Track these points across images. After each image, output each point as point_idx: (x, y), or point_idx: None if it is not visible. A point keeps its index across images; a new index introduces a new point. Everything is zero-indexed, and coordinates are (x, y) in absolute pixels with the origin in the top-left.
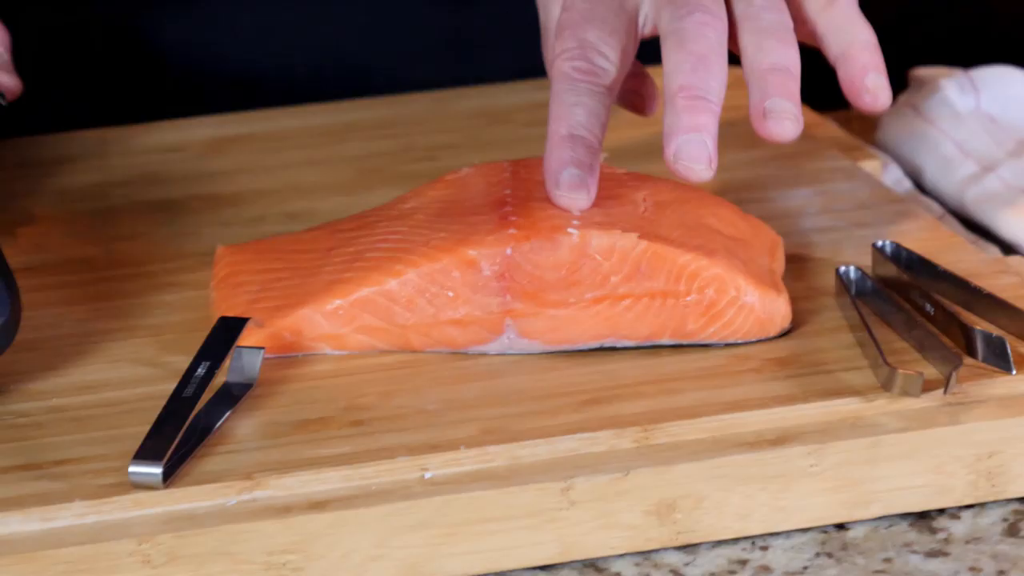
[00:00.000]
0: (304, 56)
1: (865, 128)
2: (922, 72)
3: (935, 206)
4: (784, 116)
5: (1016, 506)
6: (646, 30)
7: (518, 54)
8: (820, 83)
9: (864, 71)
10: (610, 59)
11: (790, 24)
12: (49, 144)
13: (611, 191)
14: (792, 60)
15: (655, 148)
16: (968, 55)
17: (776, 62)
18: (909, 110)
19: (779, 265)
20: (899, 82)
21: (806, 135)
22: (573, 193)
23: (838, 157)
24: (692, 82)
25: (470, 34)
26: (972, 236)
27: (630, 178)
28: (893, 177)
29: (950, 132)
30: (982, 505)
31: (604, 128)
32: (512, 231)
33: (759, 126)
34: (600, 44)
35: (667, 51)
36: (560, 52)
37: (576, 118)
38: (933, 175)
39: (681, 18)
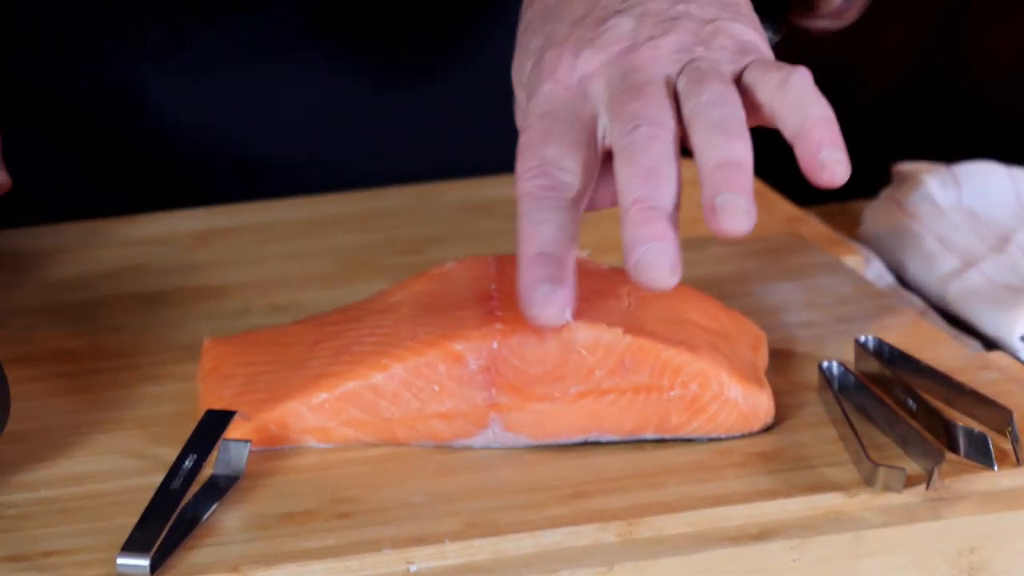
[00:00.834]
0: (291, 148)
1: (848, 223)
2: (905, 167)
3: (917, 301)
4: (734, 211)
5: None
6: (607, 142)
7: (502, 147)
8: (801, 177)
9: (819, 147)
10: (572, 172)
11: (740, 116)
12: (35, 236)
13: (595, 286)
14: (741, 153)
15: None
16: (951, 150)
17: (724, 157)
18: (892, 205)
19: (762, 360)
20: (882, 177)
21: (788, 230)
22: (547, 310)
23: (821, 252)
24: (644, 195)
25: (455, 126)
26: (954, 331)
27: (614, 273)
28: (875, 272)
29: (932, 227)
30: None
31: (574, 240)
32: (498, 325)
33: (711, 222)
34: (561, 159)
35: (618, 166)
36: (522, 172)
37: (543, 235)
38: (915, 270)
39: (628, 132)
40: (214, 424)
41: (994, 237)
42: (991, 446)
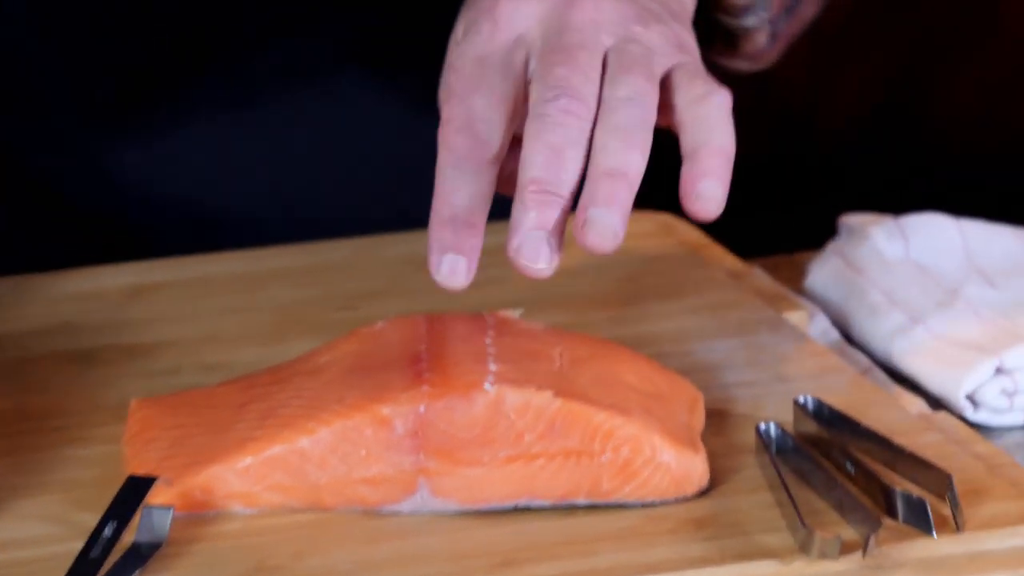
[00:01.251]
0: (244, 200)
1: (793, 275)
2: (852, 219)
3: (862, 358)
4: (603, 230)
5: None
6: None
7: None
8: (746, 230)
9: (703, 176)
10: (496, 129)
11: (648, 121)
12: None
13: (527, 347)
14: (632, 165)
15: (572, 296)
16: (904, 200)
17: (614, 166)
18: (837, 258)
19: (698, 421)
20: (830, 230)
21: (731, 284)
22: (451, 279)
23: (763, 308)
24: (543, 176)
25: (398, 177)
26: (899, 389)
27: (546, 333)
28: (819, 328)
29: (878, 281)
30: None
31: (487, 205)
32: (425, 388)
33: (577, 232)
34: (488, 112)
35: (526, 137)
36: (447, 120)
37: (459, 200)
38: (860, 325)
39: (547, 101)
40: (136, 489)
41: (941, 291)
42: (930, 512)
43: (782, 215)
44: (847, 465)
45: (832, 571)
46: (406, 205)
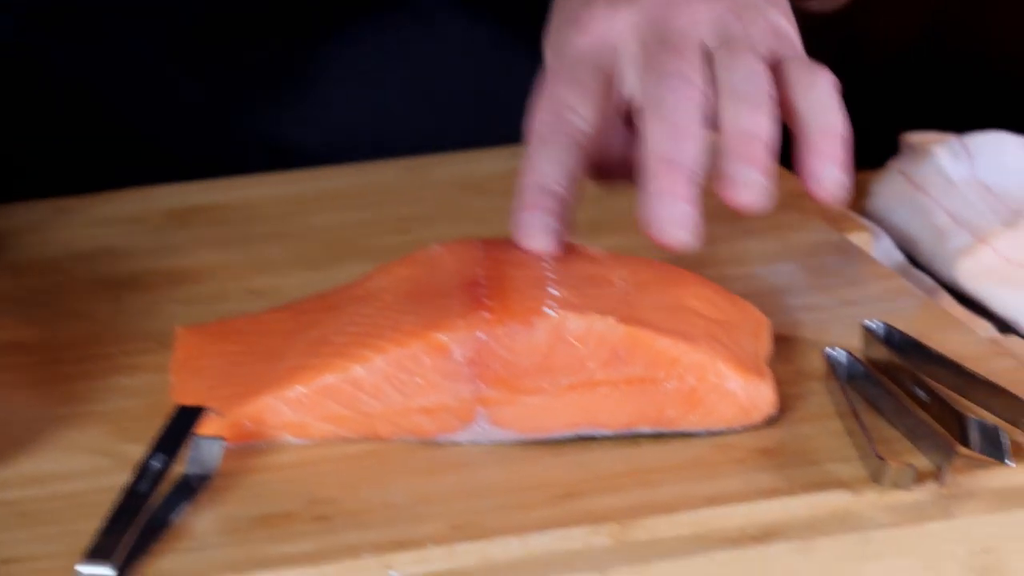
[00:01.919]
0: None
1: (854, 195)
2: (914, 137)
3: (927, 280)
4: (749, 186)
5: None
6: (633, 96)
7: (494, 119)
8: None
9: (826, 160)
10: (584, 117)
11: (770, 93)
12: (2, 214)
13: (587, 272)
14: (764, 128)
15: (630, 220)
16: (963, 119)
17: (748, 128)
18: (900, 177)
19: (765, 348)
20: (890, 147)
21: (793, 205)
22: (537, 235)
23: (826, 229)
24: (670, 151)
25: (447, 99)
26: (967, 313)
27: (608, 258)
28: (883, 249)
29: (942, 201)
30: None
31: (575, 181)
32: (485, 314)
33: (724, 192)
34: (575, 102)
35: (645, 121)
36: (535, 112)
37: (545, 170)
38: (925, 246)
39: (658, 85)
40: (185, 420)
41: (1008, 212)
42: (1005, 440)
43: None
44: (918, 392)
45: (905, 502)
46: (492, 140)
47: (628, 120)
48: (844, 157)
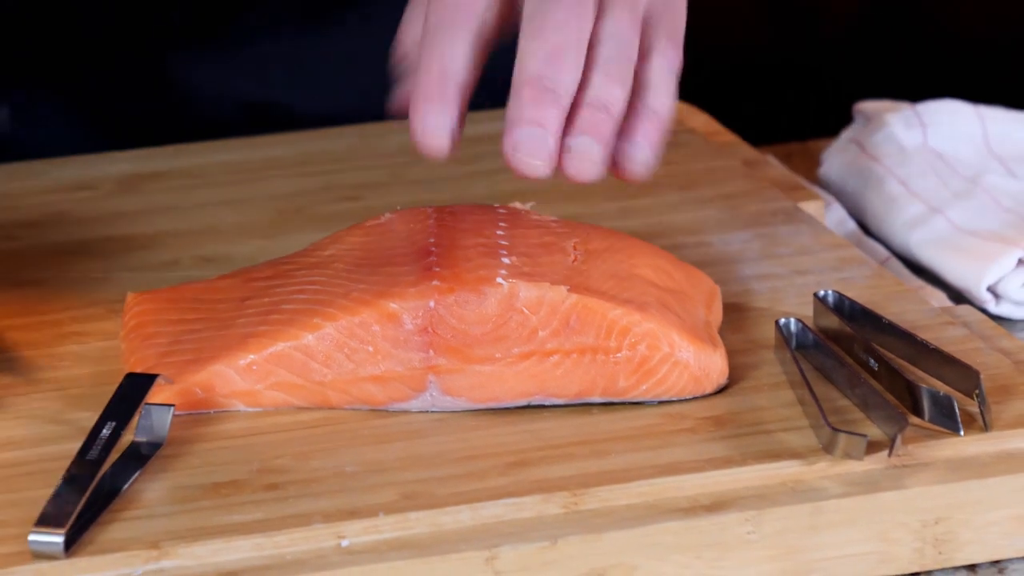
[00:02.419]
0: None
1: (807, 163)
2: (867, 106)
3: (880, 249)
4: (584, 158)
5: (964, 574)
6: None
7: None
8: (759, 116)
9: (643, 142)
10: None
11: (630, 58)
12: None
13: (540, 240)
14: (614, 99)
15: (582, 187)
16: (916, 87)
17: (594, 98)
18: (853, 146)
19: (716, 316)
20: (843, 116)
21: (745, 174)
22: (435, 135)
23: (779, 198)
24: (543, 72)
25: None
26: (919, 282)
27: (560, 225)
28: (836, 218)
29: (895, 170)
30: (928, 573)
31: (473, 72)
32: (436, 283)
33: (562, 161)
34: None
35: (523, 36)
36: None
37: (446, 55)
38: (877, 215)
39: (545, 2)
40: (135, 388)
41: (961, 180)
42: (957, 410)
43: (795, 101)
44: (870, 361)
45: (857, 471)
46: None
47: None
48: (660, 141)
